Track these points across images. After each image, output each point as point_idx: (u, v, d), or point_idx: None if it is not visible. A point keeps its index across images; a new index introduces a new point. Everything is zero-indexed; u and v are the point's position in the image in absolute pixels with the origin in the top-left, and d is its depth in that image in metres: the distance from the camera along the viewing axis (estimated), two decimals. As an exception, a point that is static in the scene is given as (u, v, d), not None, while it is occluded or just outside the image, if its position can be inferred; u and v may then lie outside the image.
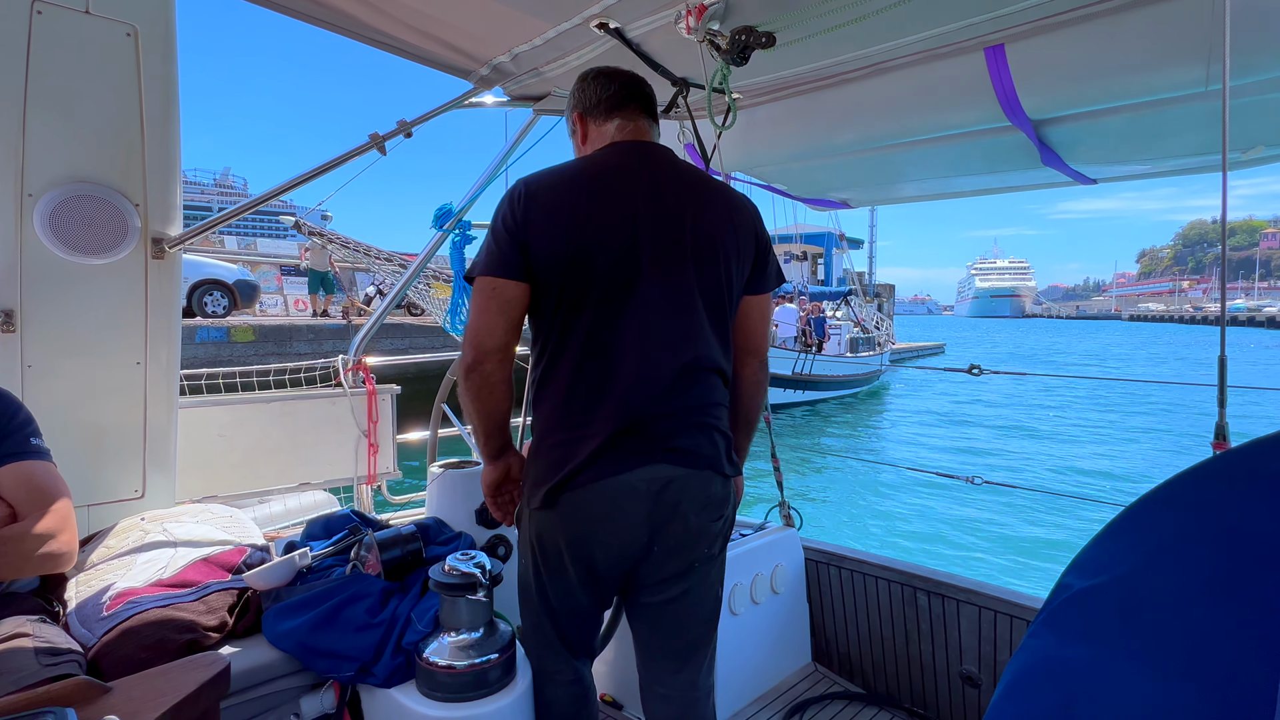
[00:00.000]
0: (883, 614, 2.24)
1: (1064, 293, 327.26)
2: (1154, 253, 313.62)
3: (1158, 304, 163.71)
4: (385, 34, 1.87)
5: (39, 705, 0.67)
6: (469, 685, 1.37)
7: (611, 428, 1.25)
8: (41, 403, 1.52)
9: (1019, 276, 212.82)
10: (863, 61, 1.98)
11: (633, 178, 1.35)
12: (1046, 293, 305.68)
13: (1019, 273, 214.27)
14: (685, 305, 1.32)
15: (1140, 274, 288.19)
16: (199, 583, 1.48)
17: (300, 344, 10.86)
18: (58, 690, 0.71)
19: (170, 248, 1.81)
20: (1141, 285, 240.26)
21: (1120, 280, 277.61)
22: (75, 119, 1.61)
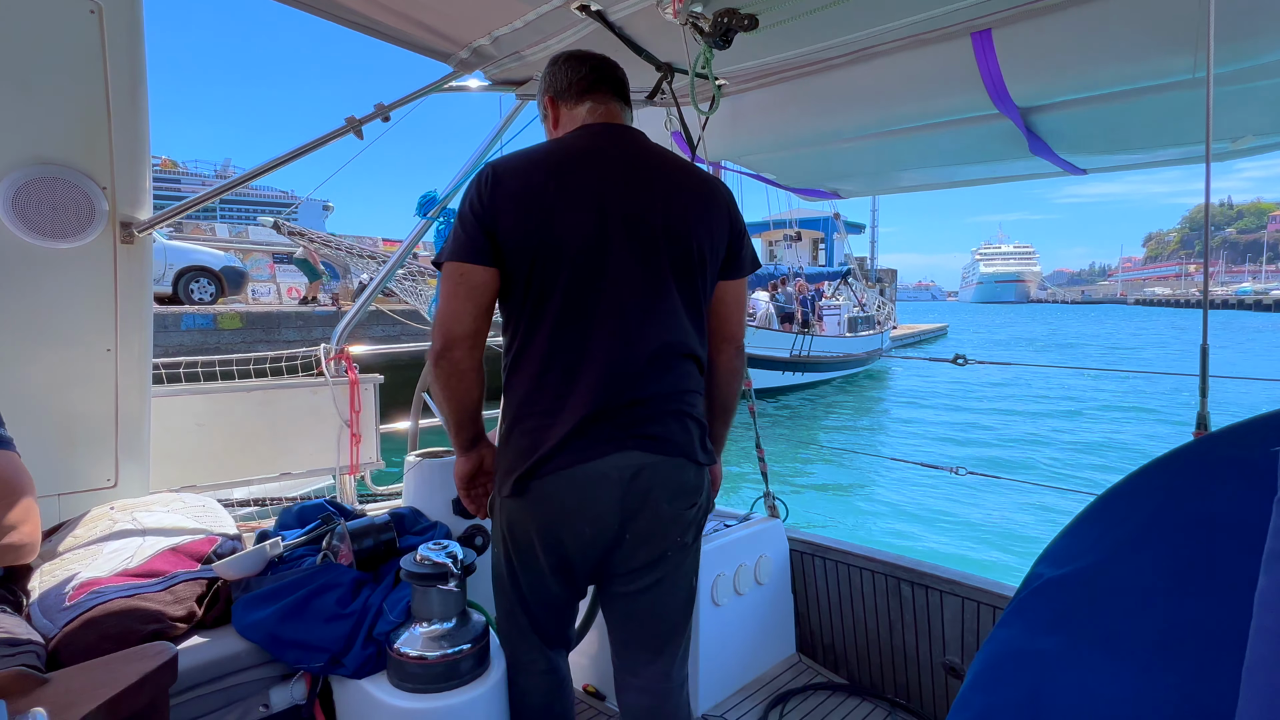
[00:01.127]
0: (867, 605, 2.25)
1: (1069, 277, 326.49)
2: (1160, 236, 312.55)
3: (1164, 288, 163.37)
4: (362, 15, 1.84)
5: (-32, 700, 0.67)
6: (441, 676, 1.37)
7: (582, 414, 1.24)
8: (9, 390, 1.51)
9: (1024, 262, 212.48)
10: (848, 47, 1.95)
11: (603, 161, 1.33)
12: (1051, 278, 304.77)
13: (1024, 258, 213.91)
14: (658, 290, 1.31)
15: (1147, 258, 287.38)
16: (166, 572, 1.47)
17: (289, 331, 10.83)
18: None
19: (140, 232, 1.79)
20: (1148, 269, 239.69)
21: (1126, 265, 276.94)
22: (38, 99, 1.59)
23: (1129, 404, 15.43)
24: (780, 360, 15.33)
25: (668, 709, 1.44)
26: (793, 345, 15.53)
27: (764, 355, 14.79)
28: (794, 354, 15.54)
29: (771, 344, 15.28)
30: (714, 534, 2.21)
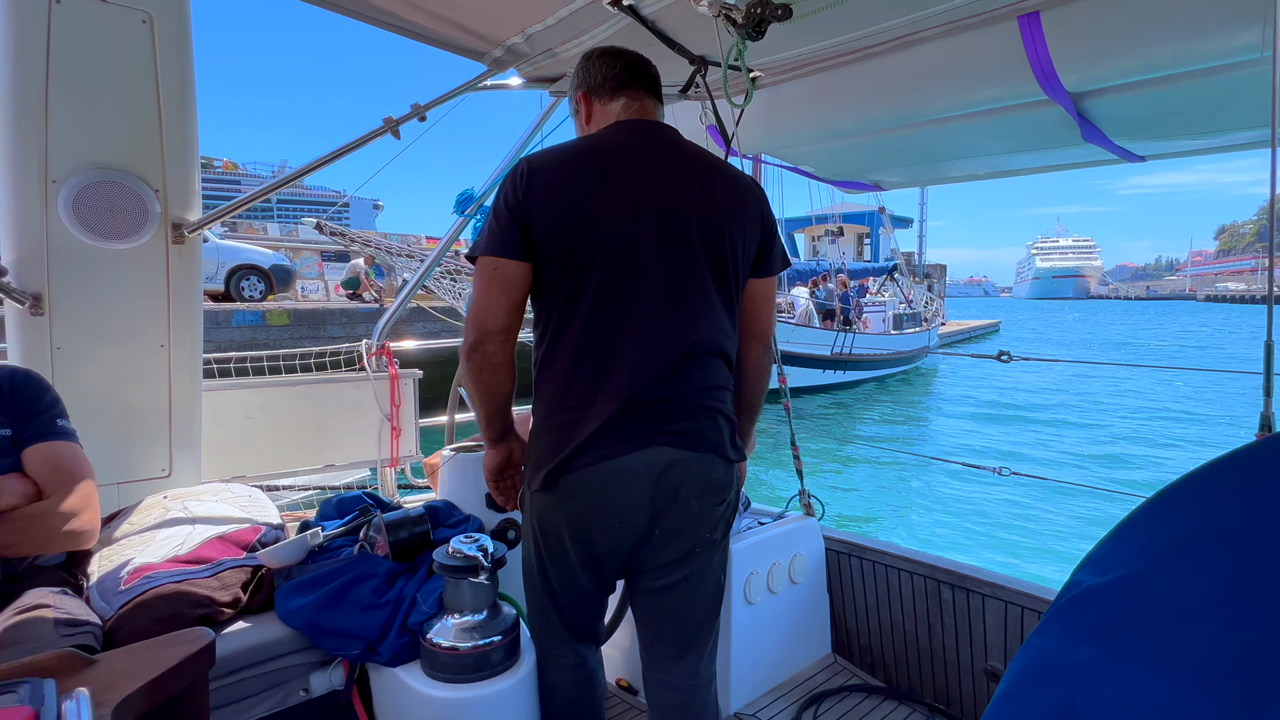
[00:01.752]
0: (905, 607, 2.20)
1: (1133, 272, 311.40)
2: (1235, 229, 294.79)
3: (1237, 283, 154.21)
4: (398, 17, 1.88)
5: (22, 674, 0.71)
6: (471, 666, 1.40)
7: (612, 409, 1.25)
8: (71, 385, 1.60)
9: (1083, 255, 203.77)
10: (887, 35, 1.90)
11: (637, 157, 1.33)
12: (1114, 272, 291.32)
13: (1083, 251, 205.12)
14: (690, 287, 1.31)
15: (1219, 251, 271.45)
16: (214, 559, 1.54)
17: (334, 327, 11.18)
18: (42, 661, 0.75)
19: (190, 232, 1.87)
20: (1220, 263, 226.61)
21: (1196, 258, 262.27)
22: (95, 106, 1.67)
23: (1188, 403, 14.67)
24: (820, 358, 14.99)
25: (695, 705, 1.44)
26: (833, 343, 15.17)
27: (803, 353, 14.47)
28: (834, 352, 15.17)
29: (812, 341, 14.96)
30: (747, 531, 2.19)
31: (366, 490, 2.09)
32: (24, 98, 1.59)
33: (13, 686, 0.68)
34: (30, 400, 1.45)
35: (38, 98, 1.60)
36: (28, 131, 1.62)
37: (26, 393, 1.45)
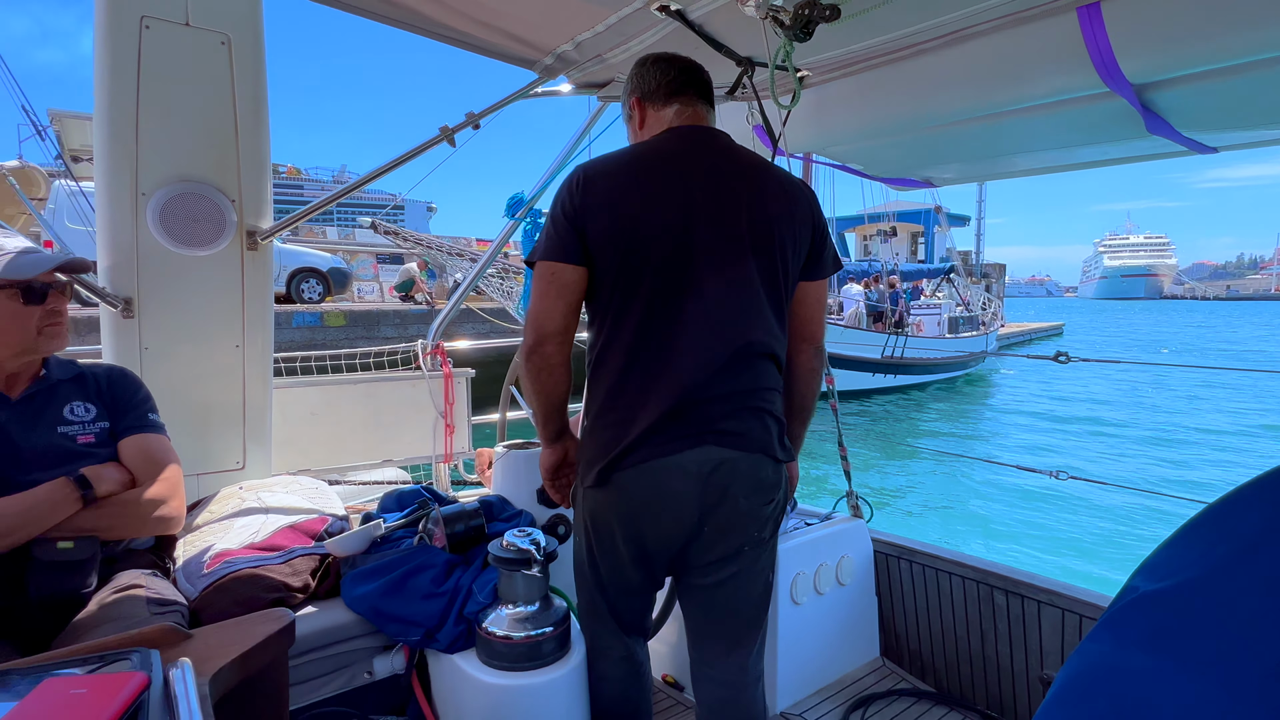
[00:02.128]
0: (956, 612, 2.17)
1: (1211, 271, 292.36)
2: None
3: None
4: (450, 28, 1.96)
5: (131, 645, 0.79)
6: (524, 656, 1.45)
7: (663, 409, 1.28)
8: (157, 382, 1.73)
9: (1156, 254, 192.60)
10: (938, 30, 1.88)
11: (690, 163, 1.37)
12: (1190, 271, 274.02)
13: (1156, 249, 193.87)
14: (741, 290, 1.34)
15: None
16: (285, 547, 1.64)
17: (387, 328, 11.57)
18: (146, 633, 0.83)
19: (262, 239, 1.99)
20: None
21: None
22: (179, 122, 1.80)
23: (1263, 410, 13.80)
24: (869, 361, 14.56)
25: (743, 702, 1.46)
26: (884, 346, 14.75)
27: (851, 355, 14.09)
28: (885, 355, 14.74)
29: (862, 343, 14.56)
30: (794, 532, 2.20)
31: (424, 485, 2.18)
32: (117, 117, 1.73)
33: (125, 655, 0.76)
34: (125, 396, 1.57)
35: (129, 117, 1.73)
36: (120, 148, 1.76)
37: (122, 389, 1.58)
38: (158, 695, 0.70)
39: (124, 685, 0.67)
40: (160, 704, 0.69)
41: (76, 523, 1.36)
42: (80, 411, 1.51)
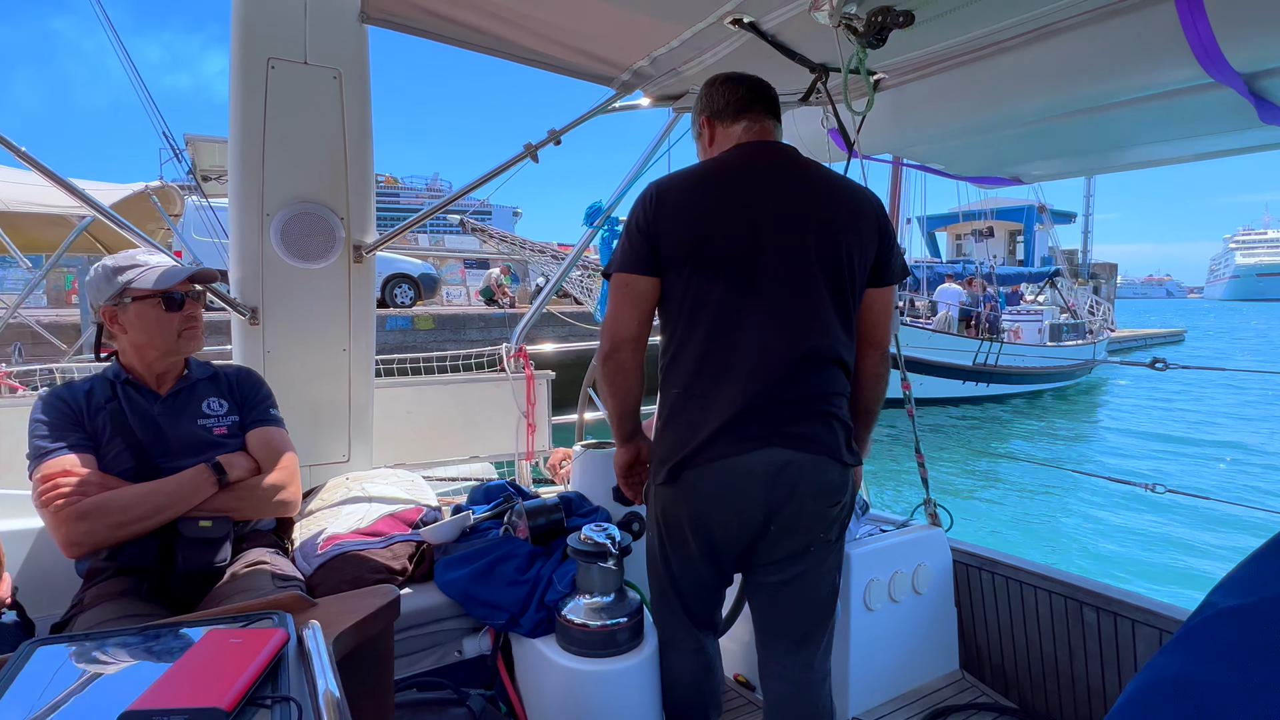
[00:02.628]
0: (1042, 627, 2.10)
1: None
2: None
3: None
4: (534, 52, 2.09)
5: (270, 609, 0.94)
6: (600, 643, 1.55)
7: (732, 411, 1.35)
8: (277, 381, 1.94)
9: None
10: (1021, 28, 1.84)
11: (757, 177, 1.44)
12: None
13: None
14: (806, 299, 1.39)
15: None
16: (386, 533, 1.81)
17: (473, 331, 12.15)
18: (283, 600, 0.98)
19: (366, 253, 2.19)
20: None
21: None
22: (298, 150, 2.02)
23: None
24: (959, 368, 13.75)
25: (809, 698, 1.50)
26: (976, 352, 13.92)
27: (938, 361, 13.35)
28: (976, 362, 13.89)
29: (951, 349, 13.72)
30: (868, 538, 2.19)
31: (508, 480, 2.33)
32: (248, 148, 1.96)
33: (267, 615, 0.90)
34: (251, 393, 1.79)
35: (258, 147, 1.96)
36: (250, 174, 1.99)
37: (249, 387, 1.79)
38: (294, 649, 0.83)
39: (269, 639, 0.80)
40: (296, 657, 0.82)
41: (213, 504, 1.57)
42: (215, 406, 1.72)
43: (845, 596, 2.06)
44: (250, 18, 1.88)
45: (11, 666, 0.77)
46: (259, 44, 1.90)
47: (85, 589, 1.51)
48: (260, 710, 0.70)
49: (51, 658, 0.80)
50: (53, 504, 1.44)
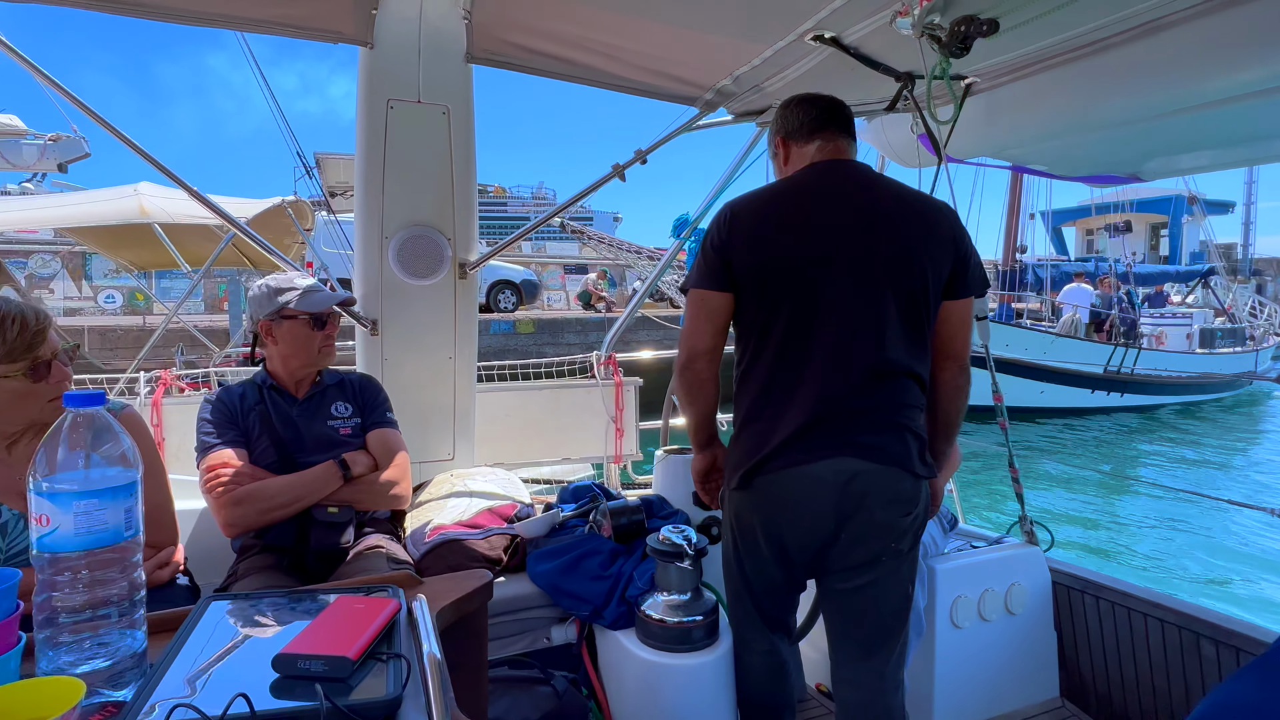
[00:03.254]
0: (1154, 659, 1.98)
1: None
2: None
3: None
4: (623, 79, 2.23)
5: (386, 583, 1.11)
6: (677, 639, 1.64)
7: (802, 420, 1.42)
8: (393, 386, 2.19)
9: None
10: (1123, 25, 1.78)
11: (829, 196, 1.50)
12: None
13: None
14: (876, 313, 1.44)
15: None
16: (485, 526, 2.00)
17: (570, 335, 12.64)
18: (396, 577, 1.16)
19: (470, 270, 2.42)
20: None
21: None
22: (412, 178, 2.27)
23: None
24: (1086, 376, 12.47)
25: (881, 706, 1.53)
26: (1108, 359, 12.64)
27: (1059, 367, 12.24)
28: (1108, 370, 12.61)
29: (1077, 356, 12.50)
30: (955, 553, 2.15)
31: (595, 481, 2.48)
32: (371, 178, 2.23)
33: (383, 588, 1.08)
34: (371, 398, 2.03)
35: (379, 178, 2.22)
36: (372, 201, 2.26)
37: (369, 393, 2.03)
38: (405, 617, 1.00)
39: (386, 606, 0.97)
40: (406, 624, 0.98)
41: (339, 495, 1.81)
42: (342, 410, 1.97)
43: (931, 612, 2.04)
44: (373, 66, 2.14)
45: (194, 615, 0.98)
46: (380, 88, 2.16)
47: (238, 562, 1.79)
48: (377, 663, 0.86)
49: (222, 611, 1.01)
50: (214, 490, 1.72)
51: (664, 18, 1.85)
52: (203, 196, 2.24)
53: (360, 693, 0.80)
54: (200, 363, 8.04)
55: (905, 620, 1.52)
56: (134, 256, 7.49)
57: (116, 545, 0.83)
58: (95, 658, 0.82)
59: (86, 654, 0.81)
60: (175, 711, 0.71)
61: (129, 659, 0.84)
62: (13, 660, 0.77)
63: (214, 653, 0.89)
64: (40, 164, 5.49)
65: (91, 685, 0.81)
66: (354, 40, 2.09)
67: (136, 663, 0.85)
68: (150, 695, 0.76)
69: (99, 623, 0.82)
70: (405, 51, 2.14)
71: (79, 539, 0.80)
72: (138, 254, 7.33)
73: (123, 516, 0.83)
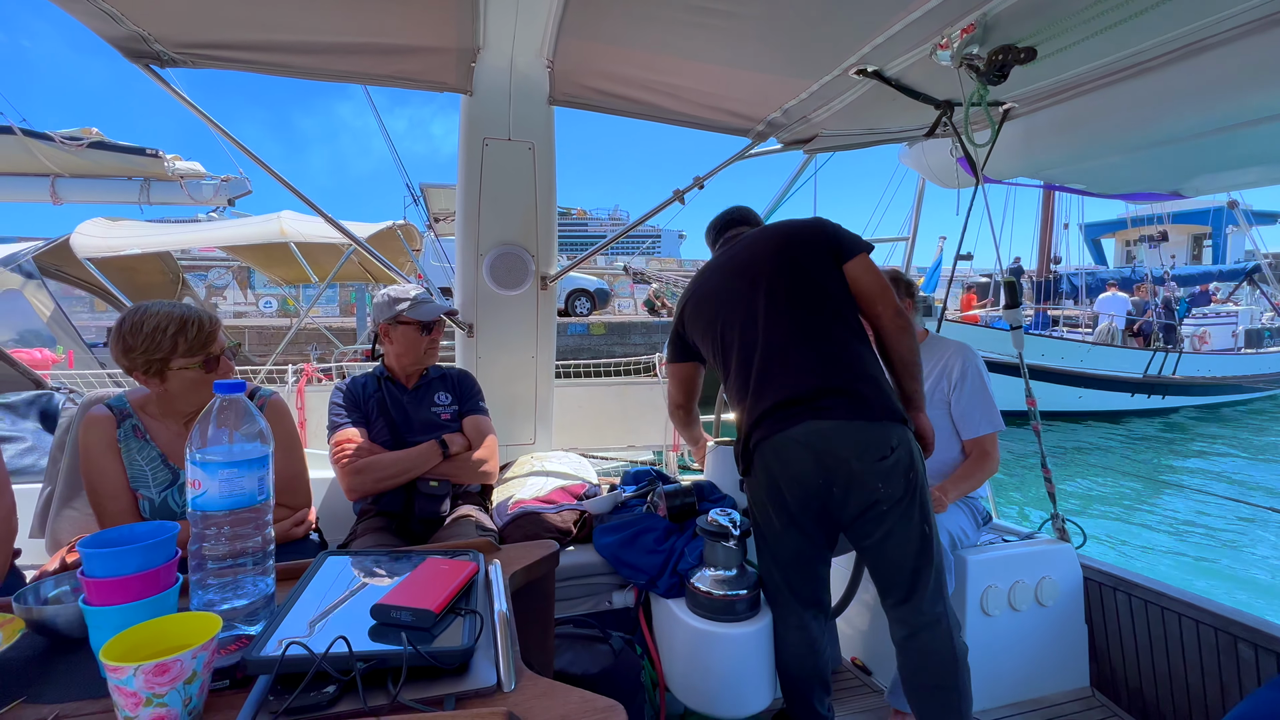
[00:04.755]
0: (1189, 659, 1.80)
1: None
2: None
3: None
4: (683, 114, 2.21)
5: (469, 548, 1.14)
6: (722, 610, 1.61)
7: (773, 402, 1.50)
8: (486, 380, 2.25)
9: None
10: (1163, 48, 1.62)
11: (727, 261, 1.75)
12: None
13: None
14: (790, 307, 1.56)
15: None
16: (558, 502, 2.02)
17: (636, 336, 12.70)
18: (477, 543, 1.19)
19: (550, 282, 2.45)
20: None
21: None
22: (503, 204, 2.32)
23: None
24: (1123, 380, 11.31)
25: (924, 639, 1.50)
26: (1147, 364, 11.44)
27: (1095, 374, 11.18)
28: (1147, 374, 11.43)
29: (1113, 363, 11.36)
30: (985, 546, 2.02)
31: (654, 466, 2.47)
32: (469, 204, 2.30)
33: (466, 552, 1.11)
34: (467, 389, 2.09)
35: (475, 205, 2.29)
36: (470, 224, 2.33)
37: (466, 385, 2.10)
38: (482, 578, 1.01)
39: (466, 568, 0.99)
40: (483, 584, 1.00)
41: (439, 470, 1.87)
42: (443, 399, 2.04)
43: (960, 600, 1.92)
44: (472, 110, 2.21)
45: (313, 568, 1.03)
46: (478, 128, 2.22)
47: (357, 523, 1.88)
48: (456, 618, 0.88)
49: (335, 564, 1.06)
50: (340, 461, 1.82)
51: (719, 59, 1.82)
52: (333, 219, 2.37)
53: (440, 641, 0.82)
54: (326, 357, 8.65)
55: (930, 558, 1.47)
56: (279, 272, 8.24)
57: (252, 507, 0.88)
58: (235, 598, 0.87)
59: (228, 594, 0.87)
60: (290, 647, 0.74)
61: (261, 600, 0.90)
62: (172, 596, 0.83)
63: (326, 599, 0.93)
64: (214, 199, 6.06)
65: (231, 620, 0.86)
66: (456, 89, 2.16)
67: (266, 604, 0.90)
68: (274, 632, 0.81)
69: (238, 570, 0.88)
70: (498, 97, 2.19)
71: (223, 500, 0.85)
72: (281, 269, 8.08)
73: (256, 484, 0.88)
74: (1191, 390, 12.04)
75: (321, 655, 0.73)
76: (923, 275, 12.33)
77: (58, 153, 5.60)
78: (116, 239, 6.20)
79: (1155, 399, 11.80)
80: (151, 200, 5.96)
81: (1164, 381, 11.60)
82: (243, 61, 1.82)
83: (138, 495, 1.49)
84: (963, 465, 1.99)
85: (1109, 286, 13.96)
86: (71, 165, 5.71)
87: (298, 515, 1.65)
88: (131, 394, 1.56)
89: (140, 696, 0.66)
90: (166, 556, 0.84)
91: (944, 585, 1.51)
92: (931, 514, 1.49)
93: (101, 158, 5.72)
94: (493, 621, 0.87)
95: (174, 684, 0.67)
